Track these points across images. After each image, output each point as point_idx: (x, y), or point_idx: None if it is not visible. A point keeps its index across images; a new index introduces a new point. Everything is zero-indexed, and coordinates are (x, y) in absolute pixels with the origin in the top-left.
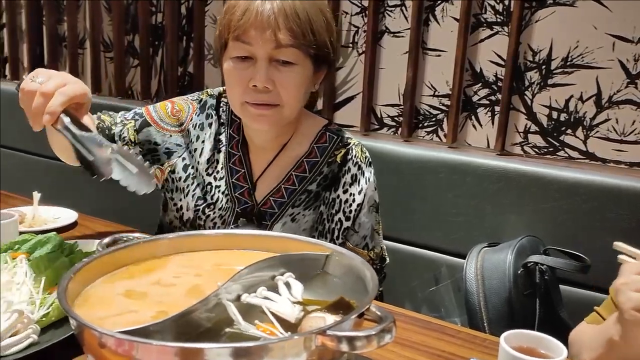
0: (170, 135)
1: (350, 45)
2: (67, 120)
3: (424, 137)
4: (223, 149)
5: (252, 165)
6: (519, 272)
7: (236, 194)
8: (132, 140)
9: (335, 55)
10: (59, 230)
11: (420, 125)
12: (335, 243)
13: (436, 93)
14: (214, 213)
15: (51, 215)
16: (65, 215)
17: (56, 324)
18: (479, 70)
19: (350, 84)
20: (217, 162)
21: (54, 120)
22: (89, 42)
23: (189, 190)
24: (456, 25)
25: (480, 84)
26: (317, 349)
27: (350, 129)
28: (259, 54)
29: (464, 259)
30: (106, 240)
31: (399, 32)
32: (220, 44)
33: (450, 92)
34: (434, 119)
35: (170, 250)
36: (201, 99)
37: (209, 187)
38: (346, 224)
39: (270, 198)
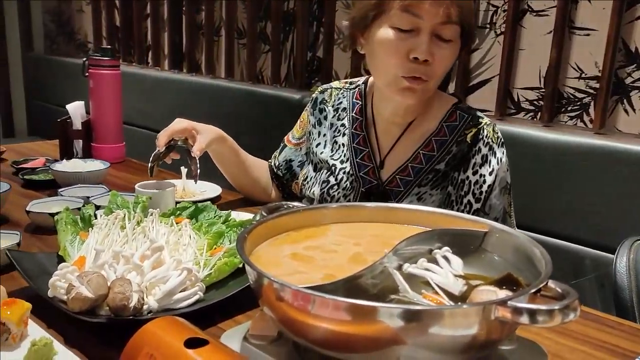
0: (300, 149)
1: (488, 25)
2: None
3: (566, 122)
4: (347, 132)
5: (379, 144)
6: None
7: (361, 174)
8: (276, 163)
9: (472, 39)
10: (206, 201)
11: (563, 109)
12: None
13: (583, 75)
14: (338, 193)
15: (198, 189)
16: (210, 189)
17: (216, 284)
18: (633, 50)
19: (486, 67)
20: (342, 145)
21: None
22: (224, 29)
23: (315, 180)
24: (609, 2)
25: (634, 65)
26: (491, 321)
27: (484, 113)
28: (425, 27)
29: (610, 252)
30: (269, 206)
31: (542, 10)
32: (375, 11)
33: (599, 74)
34: (578, 103)
35: (329, 220)
36: (312, 99)
37: (333, 168)
38: (476, 205)
39: (397, 176)
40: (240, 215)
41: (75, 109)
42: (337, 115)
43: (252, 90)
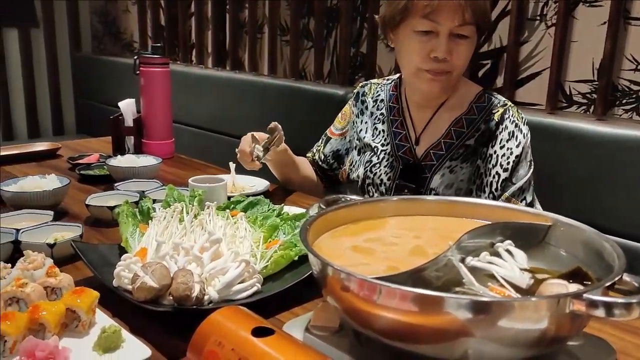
0: (345, 137)
1: (538, 17)
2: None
3: (620, 115)
4: (385, 119)
5: (414, 125)
6: None
7: (399, 153)
8: (321, 157)
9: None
10: (256, 195)
11: (617, 102)
12: (493, 196)
13: (639, 67)
14: (379, 171)
15: (247, 183)
16: (258, 183)
17: (272, 276)
18: None
19: (536, 60)
20: (382, 131)
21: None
22: (267, 26)
23: (360, 162)
24: None
25: None
26: (564, 315)
27: (534, 107)
28: (443, 30)
29: None
30: (327, 198)
31: (596, 0)
32: (400, 17)
33: None
34: (634, 96)
35: (388, 212)
36: (355, 93)
37: (375, 149)
38: (504, 175)
39: (431, 151)
40: (291, 209)
41: (127, 106)
42: (376, 105)
43: (295, 86)
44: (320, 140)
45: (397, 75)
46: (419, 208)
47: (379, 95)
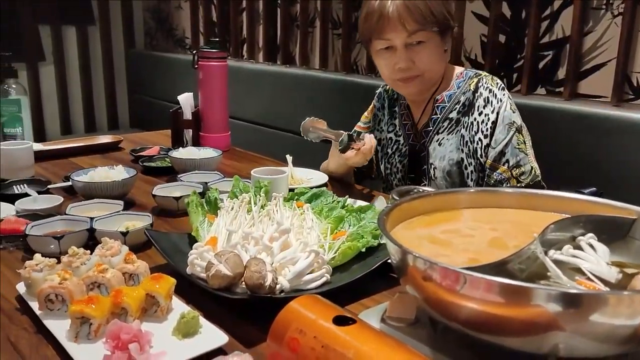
0: (370, 131)
1: (604, 7)
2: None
3: None
4: (397, 115)
5: (413, 115)
6: None
7: (409, 141)
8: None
9: (453, 19)
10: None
11: None
12: (480, 162)
13: None
14: (394, 160)
15: (304, 176)
16: (316, 176)
17: (339, 267)
18: None
19: (601, 50)
20: (395, 125)
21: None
22: (319, 20)
23: (384, 155)
24: None
25: None
26: None
27: (599, 99)
28: (397, 44)
29: None
30: (400, 189)
31: None
32: (365, 42)
33: None
34: None
35: (462, 204)
36: (378, 92)
37: (390, 140)
38: (485, 141)
39: (423, 131)
40: (354, 202)
41: (186, 100)
42: (392, 103)
43: (347, 80)
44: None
45: None
46: (494, 200)
47: (394, 94)
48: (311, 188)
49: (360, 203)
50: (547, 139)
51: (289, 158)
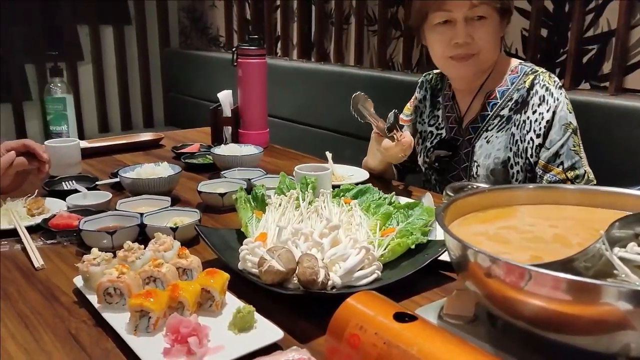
0: (413, 124)
1: None
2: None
3: None
4: (440, 106)
5: (459, 108)
6: None
7: (452, 135)
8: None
9: (512, 4)
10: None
11: None
12: (529, 161)
13: None
14: (433, 155)
15: (345, 172)
16: (357, 173)
17: (389, 264)
18: None
19: None
20: (438, 117)
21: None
22: (354, 17)
23: (424, 148)
24: None
25: None
26: None
27: None
28: (457, 17)
29: None
30: (453, 185)
31: None
32: (420, 17)
33: None
34: None
35: (518, 201)
36: (420, 82)
37: (430, 134)
38: (537, 141)
39: (470, 127)
40: (399, 198)
41: (225, 97)
42: (435, 93)
43: (383, 76)
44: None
45: None
46: (553, 197)
47: (438, 84)
48: (356, 184)
49: (399, 199)
50: (591, 135)
51: (329, 155)
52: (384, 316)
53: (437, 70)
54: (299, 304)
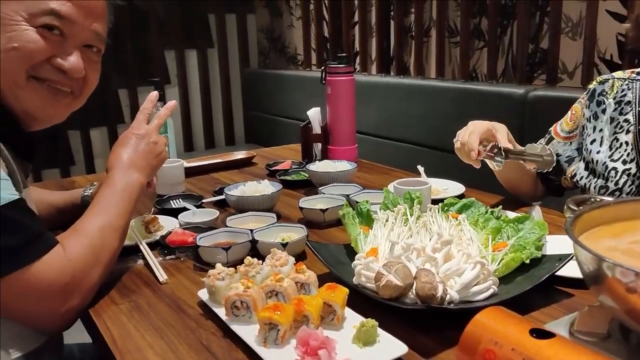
0: (570, 143)
1: None
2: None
3: None
4: (631, 128)
5: None
6: None
7: None
8: None
9: None
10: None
11: None
12: None
13: None
14: (620, 192)
15: (439, 186)
16: (452, 187)
17: (502, 279)
18: None
19: None
20: (624, 143)
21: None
22: (435, 29)
23: (589, 183)
24: None
25: None
26: None
27: None
28: None
29: None
30: (575, 198)
31: None
32: None
33: None
34: None
35: None
36: (589, 90)
37: (612, 172)
38: None
39: None
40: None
41: (314, 115)
42: (620, 109)
43: (467, 88)
44: (543, 138)
45: None
46: None
47: (625, 95)
48: (459, 198)
49: (507, 213)
50: None
51: (421, 169)
52: (519, 332)
53: (622, 75)
54: (416, 319)
